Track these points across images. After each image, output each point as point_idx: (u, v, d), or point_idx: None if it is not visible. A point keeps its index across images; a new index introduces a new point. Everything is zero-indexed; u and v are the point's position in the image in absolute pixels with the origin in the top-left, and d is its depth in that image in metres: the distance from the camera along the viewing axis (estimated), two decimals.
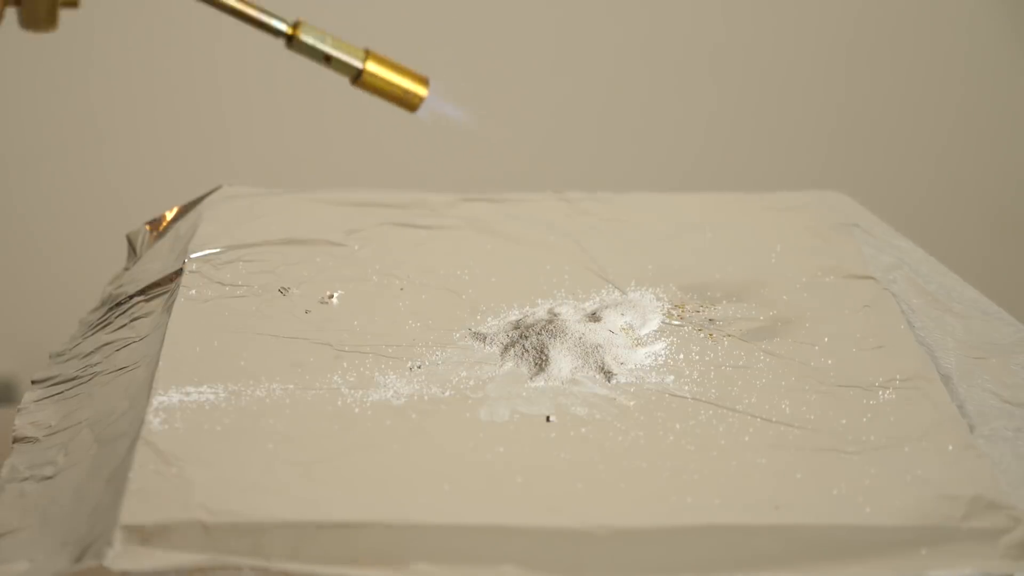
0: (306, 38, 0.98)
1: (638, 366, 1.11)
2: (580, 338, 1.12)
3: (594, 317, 1.16)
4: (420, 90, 1.02)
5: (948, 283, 1.25)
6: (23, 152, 2.14)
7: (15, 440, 1.06)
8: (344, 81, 1.05)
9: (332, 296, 1.19)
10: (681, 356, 1.12)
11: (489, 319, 1.16)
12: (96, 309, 1.24)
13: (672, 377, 1.09)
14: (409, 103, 1.02)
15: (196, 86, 2.16)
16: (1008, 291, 1.55)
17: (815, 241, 1.29)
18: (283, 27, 0.97)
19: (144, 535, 0.92)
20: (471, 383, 1.08)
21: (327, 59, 0.99)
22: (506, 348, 1.12)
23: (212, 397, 1.05)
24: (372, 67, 1.00)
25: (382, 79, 1.01)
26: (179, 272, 1.21)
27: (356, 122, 2.16)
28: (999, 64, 2.21)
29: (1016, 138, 2.24)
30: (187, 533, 0.92)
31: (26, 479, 1.01)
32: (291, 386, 1.06)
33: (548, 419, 1.04)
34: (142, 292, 1.21)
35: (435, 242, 1.28)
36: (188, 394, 1.05)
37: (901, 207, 2.08)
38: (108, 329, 1.19)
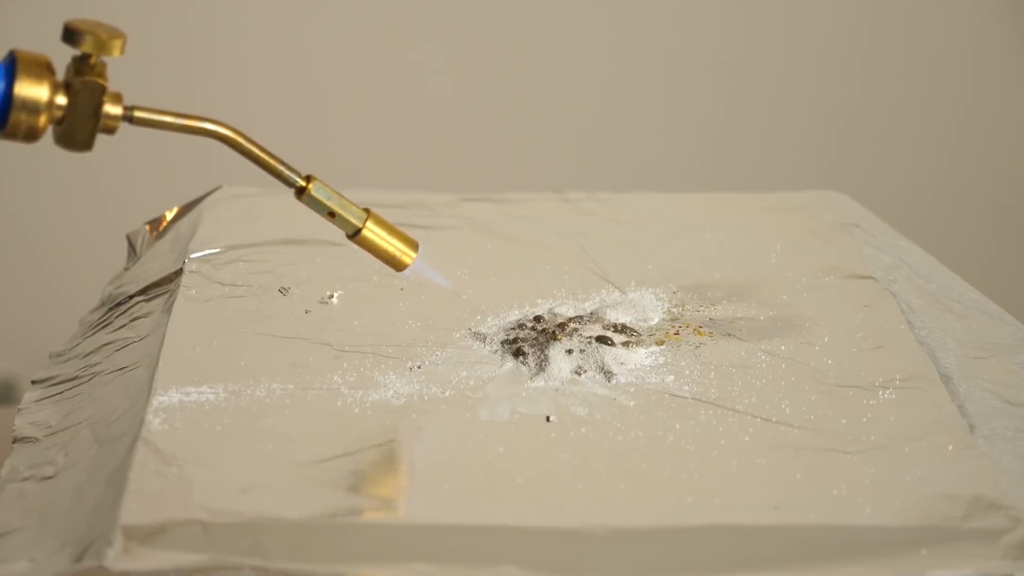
0: (316, 193, 1.05)
1: (638, 366, 1.10)
2: (580, 338, 1.12)
3: (594, 317, 1.16)
4: (411, 253, 1.08)
5: (948, 283, 1.25)
6: (23, 152, 2.14)
7: (15, 440, 1.06)
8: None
9: (332, 296, 1.19)
10: (681, 356, 1.12)
11: (489, 319, 1.16)
12: (96, 309, 1.24)
13: (672, 377, 1.09)
14: (399, 263, 1.08)
15: (196, 86, 2.16)
16: (1008, 291, 1.55)
17: (815, 241, 1.29)
18: (298, 180, 1.05)
19: (144, 535, 0.91)
20: (471, 383, 1.08)
21: (331, 214, 1.06)
22: (506, 348, 1.12)
23: (212, 397, 1.05)
24: (371, 226, 1.07)
25: (379, 238, 1.08)
26: (179, 272, 1.21)
27: (356, 122, 2.16)
28: (999, 64, 2.21)
29: (1016, 138, 2.24)
30: (187, 533, 0.92)
31: (26, 479, 1.01)
32: (291, 386, 1.06)
33: (548, 419, 1.04)
34: (142, 292, 1.21)
35: (435, 242, 1.28)
36: (188, 394, 1.05)
37: (901, 207, 2.08)
38: (108, 329, 1.19)
